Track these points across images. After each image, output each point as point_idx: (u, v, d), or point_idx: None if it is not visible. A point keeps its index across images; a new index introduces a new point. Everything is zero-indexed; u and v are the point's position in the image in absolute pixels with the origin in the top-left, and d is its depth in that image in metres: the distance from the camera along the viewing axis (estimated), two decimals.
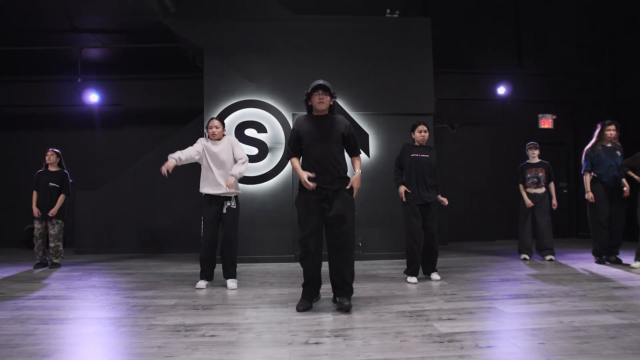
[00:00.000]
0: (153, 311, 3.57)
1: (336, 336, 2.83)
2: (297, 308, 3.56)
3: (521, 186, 6.32)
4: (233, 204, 4.57)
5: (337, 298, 3.59)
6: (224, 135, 4.75)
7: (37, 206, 6.16)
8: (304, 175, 3.54)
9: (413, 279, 4.67)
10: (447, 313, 3.33)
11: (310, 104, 3.76)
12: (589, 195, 5.72)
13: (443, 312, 3.35)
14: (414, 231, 4.65)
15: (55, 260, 6.17)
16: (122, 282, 4.97)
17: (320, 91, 3.66)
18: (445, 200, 4.82)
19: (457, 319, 3.15)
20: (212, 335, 2.89)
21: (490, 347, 2.57)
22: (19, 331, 3.01)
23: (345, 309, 3.46)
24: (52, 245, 6.15)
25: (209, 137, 4.72)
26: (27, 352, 2.59)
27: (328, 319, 3.24)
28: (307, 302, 3.62)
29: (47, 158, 6.28)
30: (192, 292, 4.34)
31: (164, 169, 4.37)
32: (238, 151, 4.63)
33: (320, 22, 6.66)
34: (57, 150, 6.38)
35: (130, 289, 4.55)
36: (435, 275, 4.80)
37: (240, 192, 4.74)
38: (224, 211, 4.53)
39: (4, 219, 8.96)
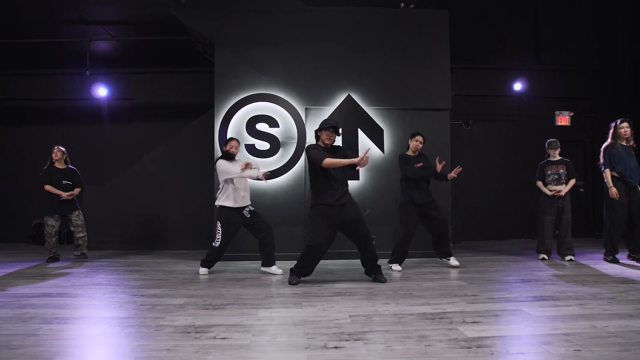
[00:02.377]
0: (161, 311, 3.42)
1: (356, 340, 2.66)
2: (290, 282, 4.48)
3: (540, 183, 6.10)
4: (252, 207, 5.20)
5: (374, 275, 4.60)
6: None
7: (54, 205, 6.18)
8: (356, 158, 4.23)
9: (398, 267, 5.34)
10: (471, 315, 3.15)
11: (319, 134, 4.52)
12: (613, 191, 5.50)
13: (467, 315, 3.17)
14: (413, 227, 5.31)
15: (84, 251, 6.37)
16: (130, 279, 4.83)
17: (332, 130, 4.45)
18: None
19: (483, 322, 2.97)
20: (224, 338, 2.74)
21: (522, 353, 2.39)
22: (21, 331, 2.87)
23: (384, 281, 4.51)
24: (80, 235, 6.32)
25: (230, 153, 5.18)
26: (29, 354, 2.45)
27: (346, 321, 3.07)
28: (299, 277, 4.55)
29: (54, 154, 6.30)
30: (202, 290, 4.19)
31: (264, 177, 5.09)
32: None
33: (333, 13, 6.47)
34: (62, 148, 6.38)
35: (137, 286, 4.41)
36: (453, 260, 5.52)
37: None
38: (248, 215, 5.11)
39: (11, 214, 8.88)
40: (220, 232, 5.00)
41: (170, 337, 2.77)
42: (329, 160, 4.29)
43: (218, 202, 5.10)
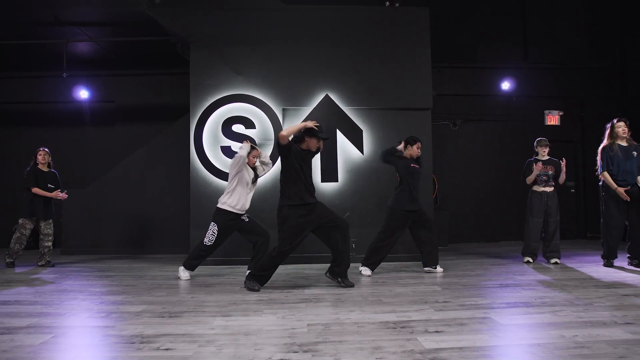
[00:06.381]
0: (115, 319, 3.27)
1: (305, 351, 2.50)
2: (255, 289, 4.20)
3: (530, 178, 5.89)
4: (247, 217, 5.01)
5: (342, 279, 4.36)
6: None
7: (35, 208, 6.03)
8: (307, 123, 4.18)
9: (368, 271, 5.07)
10: (435, 324, 2.98)
11: (307, 139, 4.24)
12: (620, 191, 5.20)
13: (430, 323, 3.00)
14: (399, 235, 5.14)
15: (48, 259, 6.16)
16: (97, 285, 4.68)
17: (323, 142, 4.34)
18: None
19: (445, 332, 2.81)
20: (167, 349, 2.58)
21: None
22: None
23: (352, 285, 4.35)
24: (48, 244, 6.12)
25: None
26: None
27: (302, 330, 2.91)
28: (259, 283, 4.27)
29: (41, 157, 6.12)
30: (164, 297, 4.03)
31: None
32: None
33: (312, 11, 6.33)
34: (48, 150, 6.25)
35: (101, 293, 4.26)
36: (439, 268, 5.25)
37: None
38: (246, 220, 4.92)
39: None
40: (216, 234, 4.76)
41: (112, 348, 2.62)
42: (284, 131, 4.11)
43: (222, 204, 4.81)
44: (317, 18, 6.30)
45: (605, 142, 5.46)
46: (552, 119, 8.33)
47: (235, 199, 4.78)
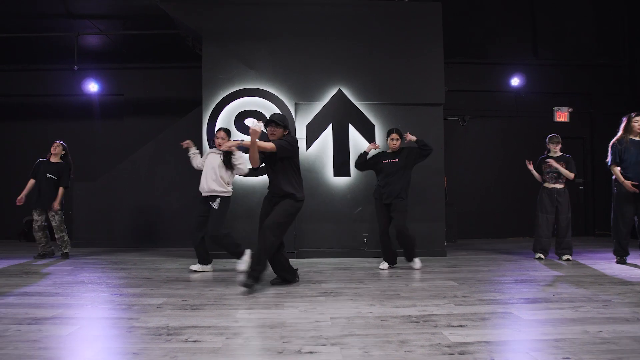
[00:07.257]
0: (137, 311, 3.30)
1: (333, 344, 2.52)
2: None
3: (534, 172, 5.99)
4: (215, 205, 4.85)
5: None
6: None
7: (36, 197, 6.05)
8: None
9: (385, 265, 5.23)
10: (458, 319, 3.01)
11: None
12: (628, 184, 5.19)
13: (453, 318, 3.03)
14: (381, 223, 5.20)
15: (65, 251, 6.17)
16: (113, 277, 4.71)
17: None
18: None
19: (469, 326, 2.83)
20: (195, 341, 2.61)
21: None
22: None
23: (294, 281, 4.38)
24: (57, 236, 6.13)
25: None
26: None
27: (326, 323, 2.94)
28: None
29: (52, 149, 6.19)
30: (183, 290, 4.06)
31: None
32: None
33: (324, 6, 6.30)
34: (63, 143, 6.29)
35: (119, 285, 4.29)
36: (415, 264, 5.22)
37: (229, 193, 4.99)
38: (215, 207, 4.88)
39: (2, 211, 8.75)
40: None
41: (140, 339, 2.65)
42: (249, 160, 4.15)
43: None
44: (329, 13, 6.28)
45: (618, 135, 5.45)
46: (562, 115, 8.31)
47: (202, 180, 4.97)
